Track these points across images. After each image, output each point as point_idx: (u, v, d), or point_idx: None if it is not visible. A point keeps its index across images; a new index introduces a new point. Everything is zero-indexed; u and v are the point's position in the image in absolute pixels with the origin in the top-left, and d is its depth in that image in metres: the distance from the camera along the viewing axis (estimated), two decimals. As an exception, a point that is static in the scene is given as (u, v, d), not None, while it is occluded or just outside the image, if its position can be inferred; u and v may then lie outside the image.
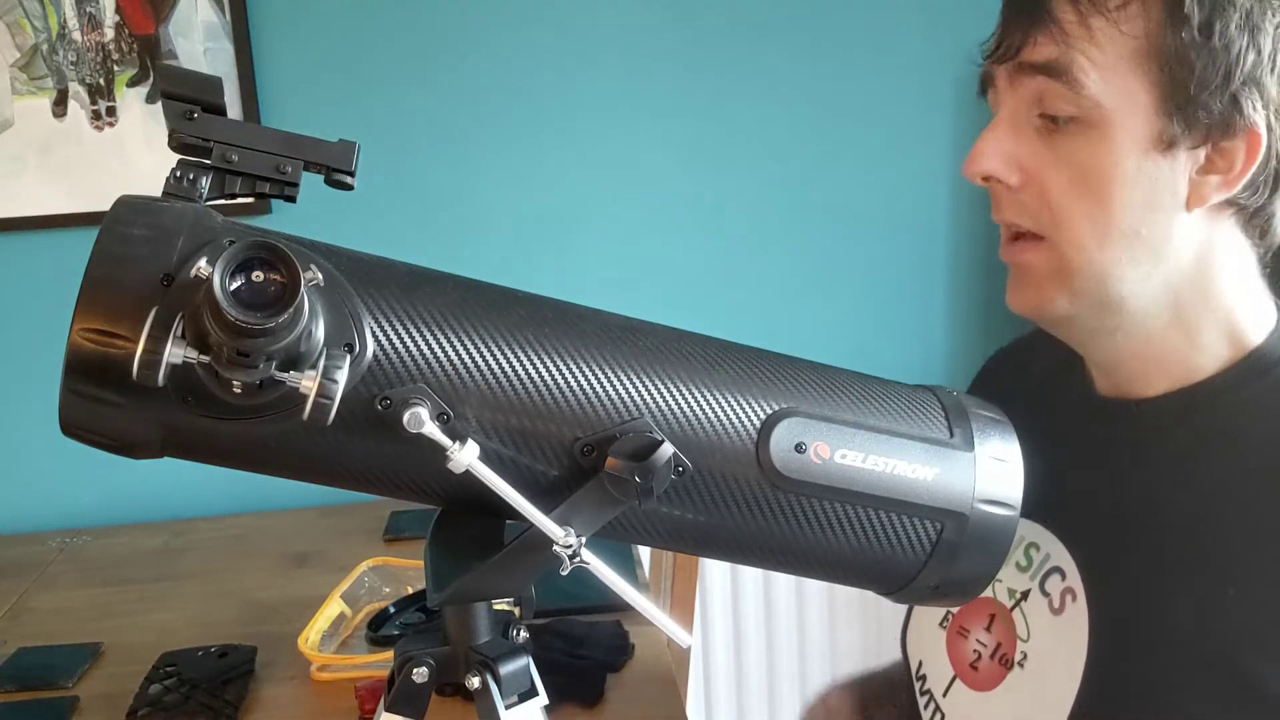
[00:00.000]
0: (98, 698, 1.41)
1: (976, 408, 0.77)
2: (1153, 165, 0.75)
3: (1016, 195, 0.80)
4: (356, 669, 1.39)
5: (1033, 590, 0.86)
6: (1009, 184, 0.80)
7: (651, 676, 1.39)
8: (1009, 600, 0.88)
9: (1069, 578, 0.83)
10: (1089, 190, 0.77)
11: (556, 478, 0.66)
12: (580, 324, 0.68)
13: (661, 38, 2.08)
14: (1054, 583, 0.84)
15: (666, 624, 0.69)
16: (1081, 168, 0.77)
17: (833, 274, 2.19)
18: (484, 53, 2.05)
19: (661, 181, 2.13)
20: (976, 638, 0.90)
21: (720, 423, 0.68)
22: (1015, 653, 0.86)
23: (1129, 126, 0.75)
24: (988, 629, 0.89)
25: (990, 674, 0.88)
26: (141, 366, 0.55)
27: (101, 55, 1.97)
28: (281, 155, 0.63)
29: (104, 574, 1.82)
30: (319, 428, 0.58)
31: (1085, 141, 0.76)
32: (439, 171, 2.08)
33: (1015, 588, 0.87)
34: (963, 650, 0.91)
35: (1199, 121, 0.74)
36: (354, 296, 0.62)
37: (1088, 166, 0.76)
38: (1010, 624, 0.87)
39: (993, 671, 0.88)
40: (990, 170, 0.79)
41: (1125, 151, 0.75)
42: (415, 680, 0.71)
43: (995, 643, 0.88)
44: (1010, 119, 0.79)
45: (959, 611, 0.93)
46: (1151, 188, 0.76)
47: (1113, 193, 0.76)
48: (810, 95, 2.11)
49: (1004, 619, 0.88)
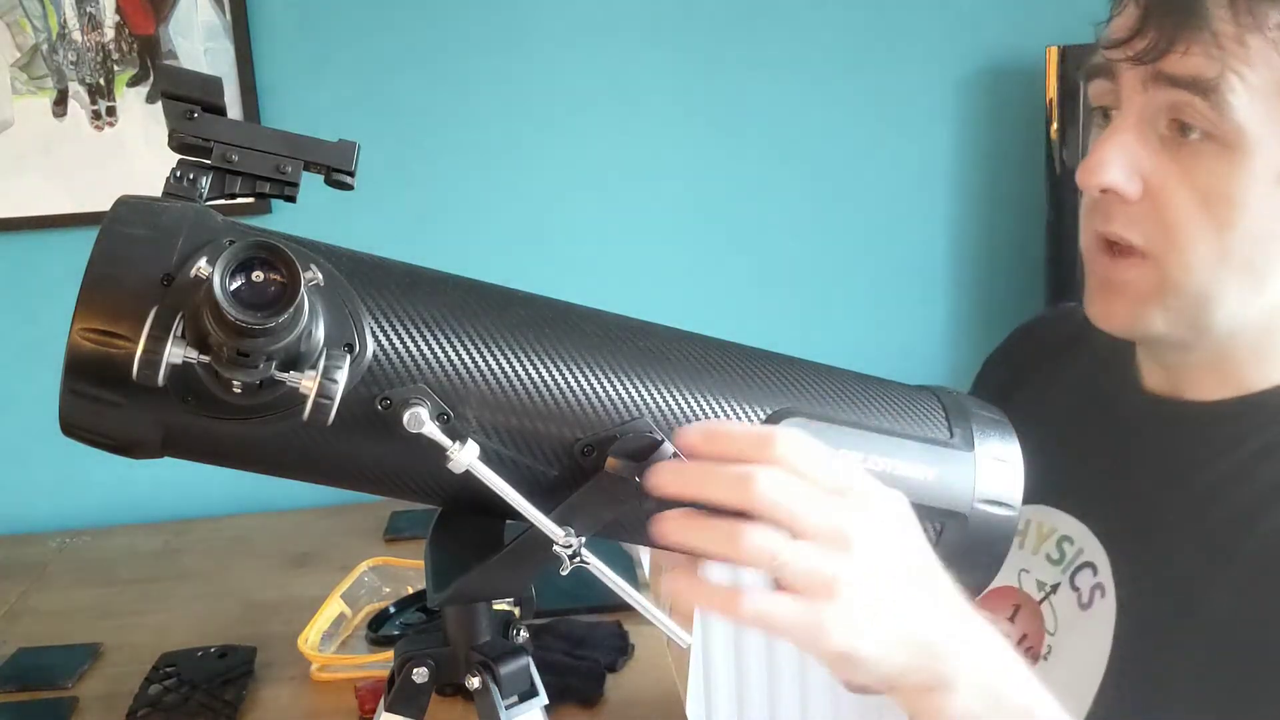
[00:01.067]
0: (97, 698, 1.41)
1: (977, 408, 0.77)
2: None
3: (1130, 208, 0.75)
4: (356, 669, 1.39)
5: (1063, 584, 0.85)
6: (1127, 196, 0.75)
7: (651, 676, 1.39)
8: (1038, 592, 0.87)
9: (1100, 573, 0.82)
10: (1211, 213, 0.73)
11: (556, 478, 0.66)
12: (580, 324, 0.68)
13: (663, 39, 2.08)
14: (1084, 578, 0.83)
15: (666, 624, 0.69)
16: (1207, 188, 0.72)
17: (833, 274, 2.19)
18: (484, 53, 2.05)
19: (662, 181, 2.13)
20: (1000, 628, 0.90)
21: (720, 423, 0.68)
22: (1042, 646, 0.85)
23: (1266, 155, 0.71)
24: (1011, 619, 0.88)
25: None
26: (141, 366, 0.54)
27: (102, 55, 1.97)
28: (281, 155, 0.63)
29: (104, 574, 1.82)
30: (319, 428, 0.58)
31: (1216, 162, 0.72)
32: (439, 171, 2.08)
33: (1045, 580, 0.86)
34: None
35: None
36: (354, 296, 0.62)
37: (1214, 188, 0.72)
38: (1038, 616, 0.86)
39: None
40: (1113, 183, 0.74)
41: (1257, 178, 0.71)
42: (415, 680, 0.71)
43: (1021, 634, 0.87)
44: (1137, 125, 0.74)
45: (980, 600, 0.92)
46: (1275, 219, 0.73)
47: (1235, 219, 0.72)
48: (811, 95, 2.11)
49: (1032, 611, 0.87)
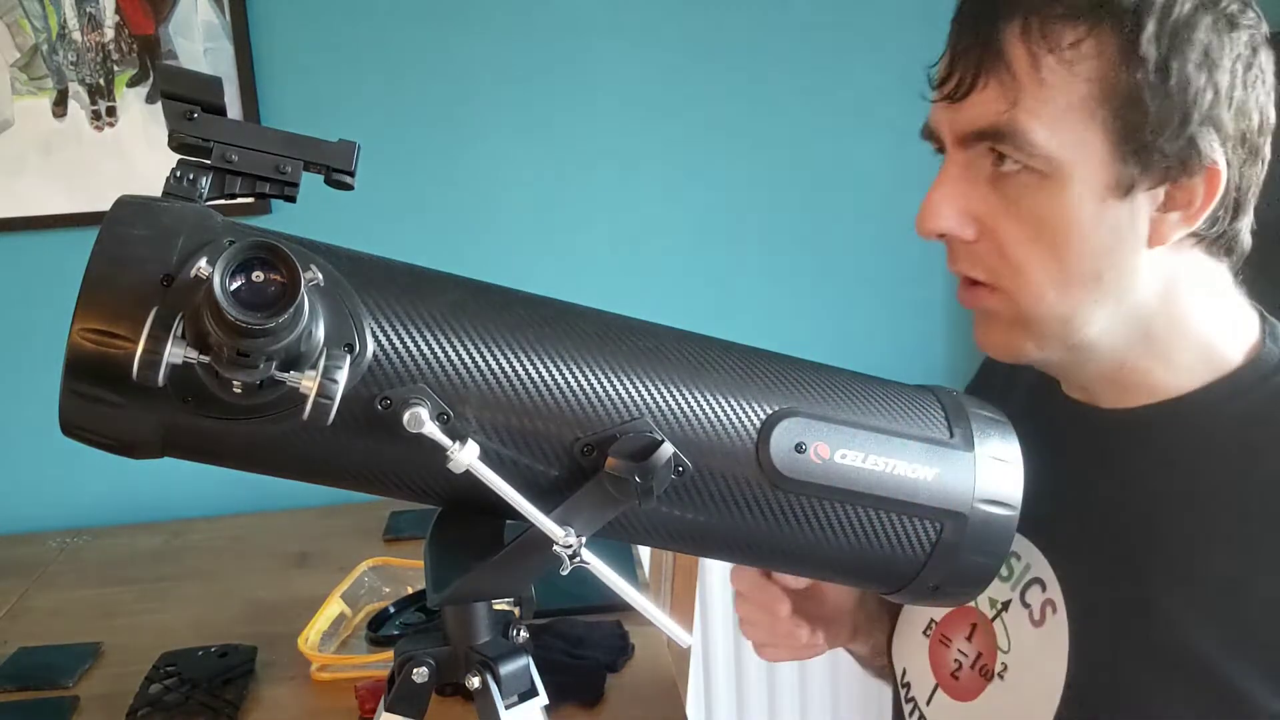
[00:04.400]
0: (98, 697, 1.41)
1: (976, 408, 0.77)
2: (1111, 210, 0.73)
3: (971, 247, 0.78)
4: (356, 669, 1.39)
5: (1013, 601, 0.85)
6: (964, 238, 0.77)
7: (651, 676, 1.39)
8: (990, 610, 0.87)
9: (1049, 589, 0.82)
10: (1046, 241, 0.74)
11: (556, 478, 0.66)
12: (580, 324, 0.69)
13: (663, 38, 2.08)
14: (1034, 594, 0.83)
15: (666, 624, 0.69)
16: (1037, 219, 0.74)
17: (833, 273, 2.19)
18: (484, 53, 2.05)
19: (662, 181, 2.13)
20: (958, 647, 0.89)
21: (720, 423, 0.68)
22: (995, 664, 0.85)
23: (1084, 175, 0.72)
24: (969, 638, 0.88)
25: (971, 684, 0.87)
26: (141, 367, 0.55)
27: (101, 55, 1.97)
28: (281, 155, 0.63)
29: (104, 574, 1.82)
30: (319, 428, 0.58)
31: (1039, 191, 0.73)
32: (439, 171, 2.08)
33: (996, 598, 0.86)
34: (944, 659, 0.90)
35: (1156, 164, 0.71)
36: (354, 296, 0.62)
37: (1043, 217, 0.74)
38: (991, 634, 0.86)
39: (973, 682, 0.87)
40: (944, 229, 0.77)
41: (1082, 200, 0.73)
42: (415, 680, 0.71)
43: (976, 653, 0.87)
44: (960, 170, 0.77)
45: (942, 620, 0.92)
46: (1111, 232, 0.74)
47: (1070, 242, 0.74)
48: (811, 94, 2.11)
49: (985, 629, 0.87)
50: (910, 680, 0.95)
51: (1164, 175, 0.72)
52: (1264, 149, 0.75)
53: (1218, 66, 0.71)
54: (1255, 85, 0.73)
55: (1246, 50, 0.72)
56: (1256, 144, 0.74)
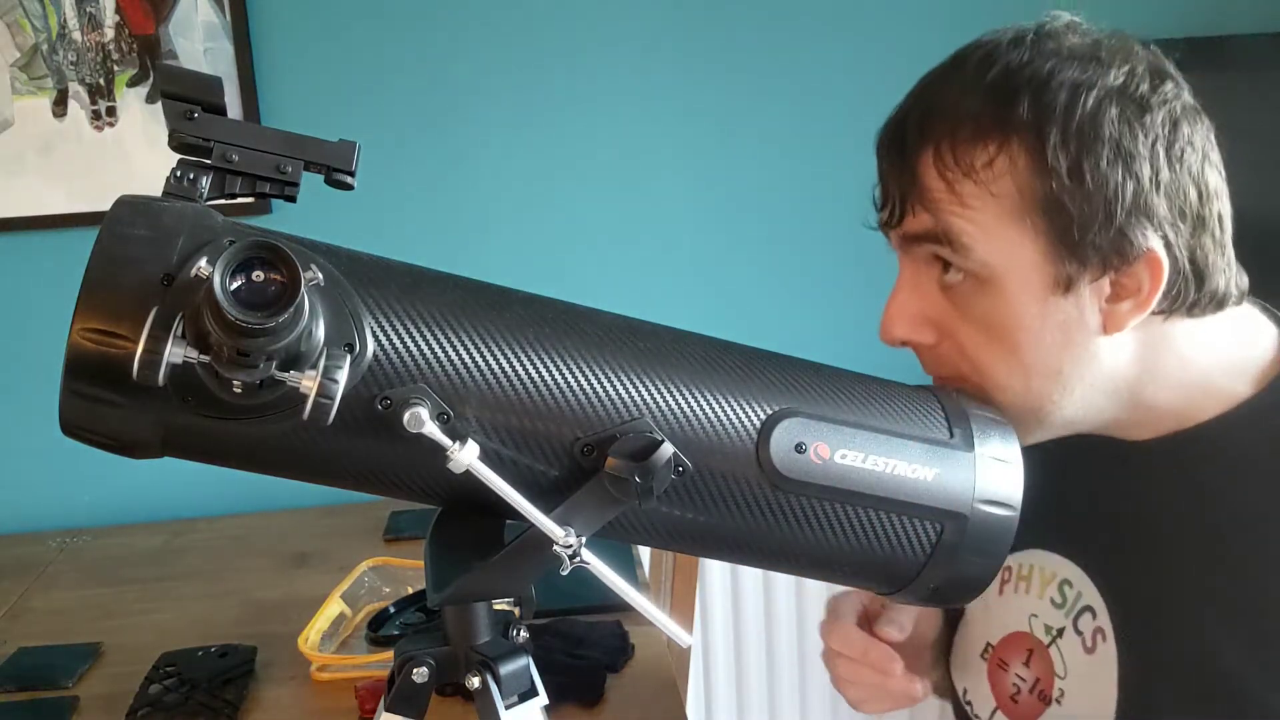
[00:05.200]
0: (97, 698, 1.41)
1: (976, 408, 0.77)
2: (1056, 307, 0.74)
3: (935, 351, 0.80)
4: (356, 669, 1.39)
5: (1067, 628, 0.85)
6: (925, 344, 0.80)
7: (651, 676, 1.39)
8: (1046, 637, 0.87)
9: (1099, 617, 0.82)
10: (997, 341, 0.76)
11: (556, 478, 0.66)
12: (580, 324, 0.68)
13: (664, 38, 2.07)
14: (1086, 621, 0.83)
15: (666, 624, 0.69)
16: (986, 321, 0.76)
17: (833, 274, 2.19)
18: (484, 52, 2.05)
19: (663, 181, 2.13)
20: (1016, 672, 0.89)
21: (720, 423, 0.68)
22: (1053, 689, 0.85)
23: (1022, 277, 0.73)
24: (1026, 664, 0.88)
25: (1029, 708, 0.87)
26: (142, 366, 0.55)
27: (101, 55, 1.97)
28: (282, 155, 0.63)
29: (104, 574, 1.82)
30: (319, 427, 0.58)
31: (982, 296, 0.75)
32: (439, 171, 2.08)
33: (1051, 624, 0.86)
34: (1003, 683, 0.90)
35: (1092, 259, 0.72)
36: (354, 296, 0.62)
37: (990, 320, 0.76)
38: (1048, 660, 0.86)
39: (1032, 706, 0.87)
40: (902, 336, 0.80)
41: (1024, 301, 0.74)
42: (415, 680, 0.71)
43: (1034, 678, 0.87)
44: (911, 280, 0.79)
45: (998, 644, 0.92)
46: (1060, 328, 0.74)
47: (1020, 340, 0.75)
48: (811, 95, 2.11)
49: (1041, 655, 0.87)
50: (971, 699, 0.95)
51: (1103, 268, 0.73)
52: (1213, 213, 0.74)
53: (1134, 157, 0.71)
54: (1183, 160, 0.72)
55: (1165, 129, 0.72)
56: (1201, 214, 0.74)
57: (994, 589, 0.90)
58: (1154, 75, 0.73)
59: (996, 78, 0.73)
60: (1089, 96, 0.71)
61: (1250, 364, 0.80)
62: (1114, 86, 0.71)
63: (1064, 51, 0.73)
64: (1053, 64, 0.72)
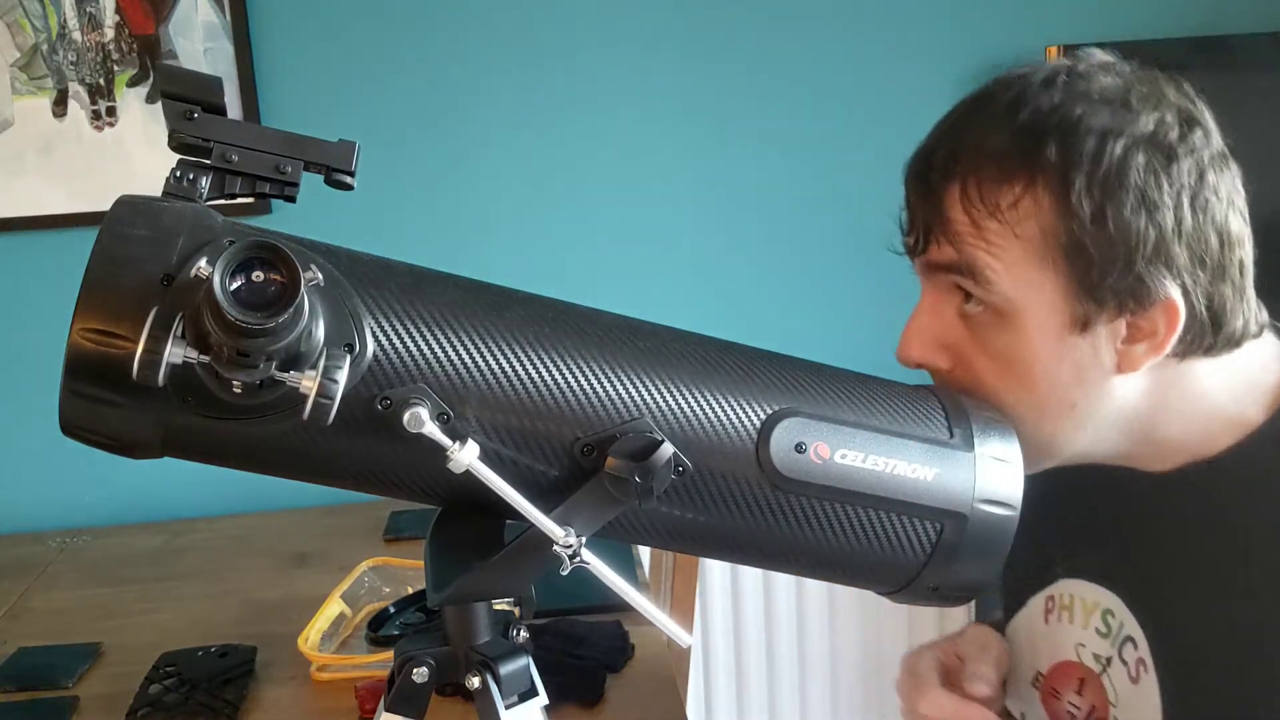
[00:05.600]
0: (97, 698, 1.41)
1: (976, 408, 0.77)
2: (1071, 345, 0.75)
3: (950, 376, 0.80)
4: (356, 669, 1.39)
5: (1114, 658, 0.85)
6: (940, 368, 0.80)
7: (651, 676, 1.39)
8: (1096, 666, 0.86)
9: (1140, 647, 0.82)
10: (1010, 373, 0.77)
11: (557, 478, 0.66)
12: (581, 324, 0.69)
13: (665, 39, 2.08)
14: (1129, 651, 0.83)
15: (666, 624, 0.69)
16: (1000, 354, 0.77)
17: (833, 274, 2.19)
18: (484, 53, 2.05)
19: (663, 181, 2.13)
20: (1069, 700, 0.89)
21: (720, 423, 0.68)
22: (1109, 717, 0.85)
23: (1040, 315, 0.74)
24: (1078, 692, 0.88)
25: None
26: (141, 366, 0.55)
27: (101, 55, 1.97)
28: (281, 155, 0.63)
29: (104, 574, 1.82)
30: (319, 428, 0.58)
31: (999, 330, 0.76)
32: (439, 171, 2.08)
33: (1100, 653, 0.86)
34: (1059, 711, 0.90)
35: (1109, 301, 0.73)
36: (354, 296, 0.62)
37: (1005, 353, 0.76)
38: (1101, 689, 0.86)
39: None
40: (918, 358, 0.80)
41: (1041, 337, 0.75)
42: (415, 680, 0.71)
43: (1089, 706, 0.87)
44: (932, 304, 0.80)
45: (1049, 672, 0.91)
46: (1075, 365, 0.75)
47: (1034, 374, 0.76)
48: (812, 95, 2.11)
49: (1094, 683, 0.87)
50: None
51: (1120, 310, 0.73)
52: (1234, 260, 0.75)
53: (1158, 206, 0.71)
54: (1207, 209, 0.73)
55: (1191, 179, 0.72)
56: (1221, 262, 0.74)
57: (1040, 618, 0.91)
58: (1184, 123, 0.73)
59: (1026, 119, 0.73)
60: (1117, 144, 0.71)
61: (1262, 390, 0.80)
62: (1143, 134, 0.72)
63: (1094, 94, 0.73)
64: (1083, 108, 0.72)
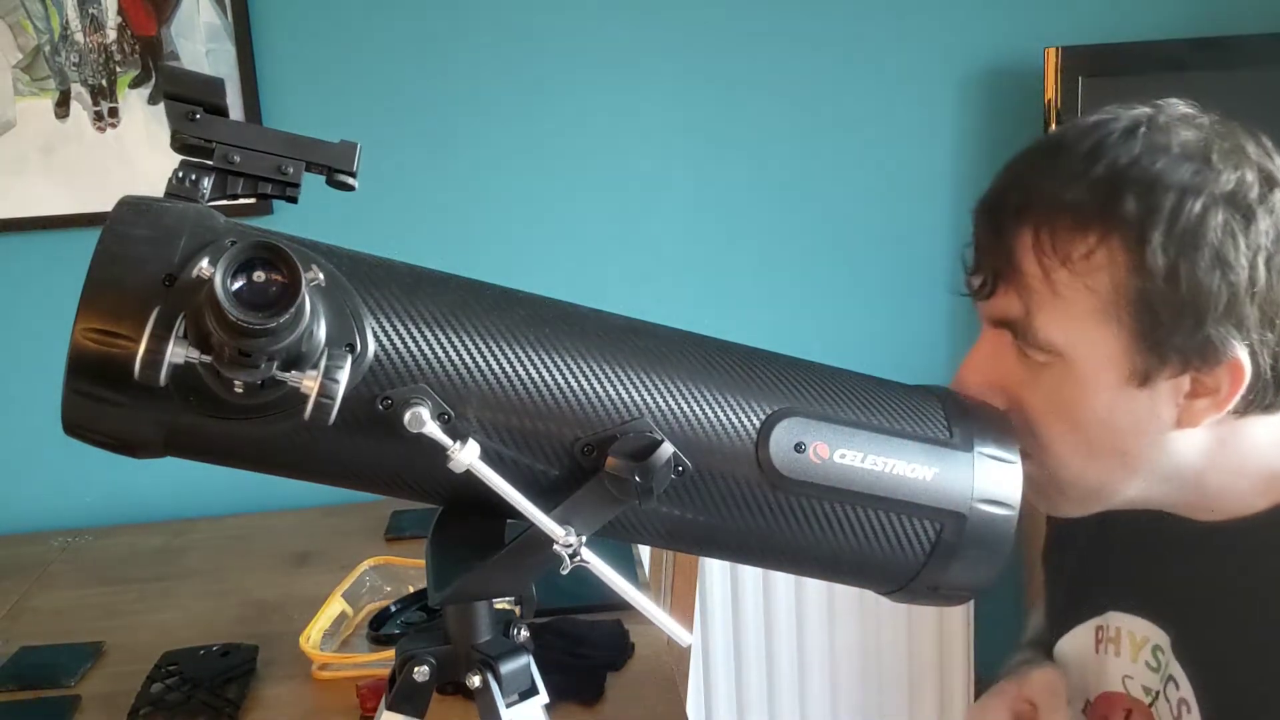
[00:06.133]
0: (99, 697, 1.41)
1: (976, 407, 0.77)
2: (1130, 398, 0.74)
3: None
4: (358, 668, 1.39)
5: (1160, 692, 0.84)
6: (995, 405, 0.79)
7: (651, 676, 1.39)
8: (1145, 697, 0.86)
9: (1182, 688, 0.81)
10: (1063, 418, 0.76)
11: (557, 477, 0.66)
12: (581, 324, 0.69)
13: (665, 39, 2.08)
14: (1172, 691, 0.82)
15: (666, 623, 0.69)
16: (1057, 399, 0.76)
17: (833, 274, 2.19)
18: (485, 54, 2.05)
19: (663, 181, 2.13)
20: None
21: (720, 423, 0.68)
22: None
23: (1100, 367, 0.74)
24: None
25: None
26: (143, 366, 0.55)
27: (104, 56, 1.97)
28: (283, 156, 0.63)
29: (105, 573, 1.83)
30: (320, 427, 0.58)
31: (1054, 376, 0.76)
32: (441, 171, 2.08)
33: (1149, 686, 0.86)
34: None
35: (1173, 358, 0.72)
36: (355, 296, 0.62)
37: (1059, 399, 0.76)
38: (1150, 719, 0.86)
39: None
40: (973, 395, 0.79)
41: (1099, 389, 0.74)
42: (416, 679, 0.71)
43: None
44: (992, 344, 0.79)
45: (1096, 701, 0.91)
46: (1133, 417, 0.75)
47: (1089, 422, 0.75)
48: (812, 96, 2.11)
49: (1144, 714, 0.86)
50: None
51: (1184, 366, 0.72)
52: None
53: (1231, 266, 0.70)
54: None
55: (1268, 239, 0.71)
56: None
57: (1090, 647, 0.90)
58: (1264, 181, 0.72)
59: (1104, 171, 0.72)
60: (1196, 202, 0.70)
61: None
62: (1223, 193, 0.71)
63: (1175, 149, 0.72)
64: (1163, 163, 0.71)
